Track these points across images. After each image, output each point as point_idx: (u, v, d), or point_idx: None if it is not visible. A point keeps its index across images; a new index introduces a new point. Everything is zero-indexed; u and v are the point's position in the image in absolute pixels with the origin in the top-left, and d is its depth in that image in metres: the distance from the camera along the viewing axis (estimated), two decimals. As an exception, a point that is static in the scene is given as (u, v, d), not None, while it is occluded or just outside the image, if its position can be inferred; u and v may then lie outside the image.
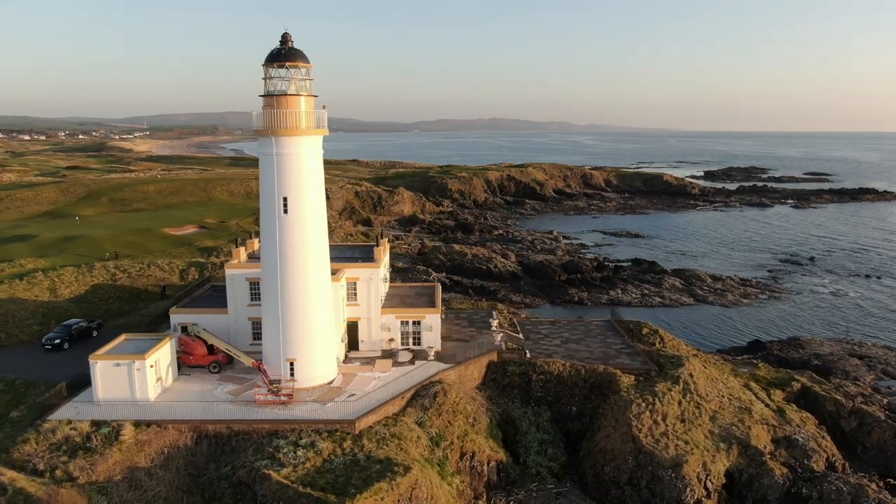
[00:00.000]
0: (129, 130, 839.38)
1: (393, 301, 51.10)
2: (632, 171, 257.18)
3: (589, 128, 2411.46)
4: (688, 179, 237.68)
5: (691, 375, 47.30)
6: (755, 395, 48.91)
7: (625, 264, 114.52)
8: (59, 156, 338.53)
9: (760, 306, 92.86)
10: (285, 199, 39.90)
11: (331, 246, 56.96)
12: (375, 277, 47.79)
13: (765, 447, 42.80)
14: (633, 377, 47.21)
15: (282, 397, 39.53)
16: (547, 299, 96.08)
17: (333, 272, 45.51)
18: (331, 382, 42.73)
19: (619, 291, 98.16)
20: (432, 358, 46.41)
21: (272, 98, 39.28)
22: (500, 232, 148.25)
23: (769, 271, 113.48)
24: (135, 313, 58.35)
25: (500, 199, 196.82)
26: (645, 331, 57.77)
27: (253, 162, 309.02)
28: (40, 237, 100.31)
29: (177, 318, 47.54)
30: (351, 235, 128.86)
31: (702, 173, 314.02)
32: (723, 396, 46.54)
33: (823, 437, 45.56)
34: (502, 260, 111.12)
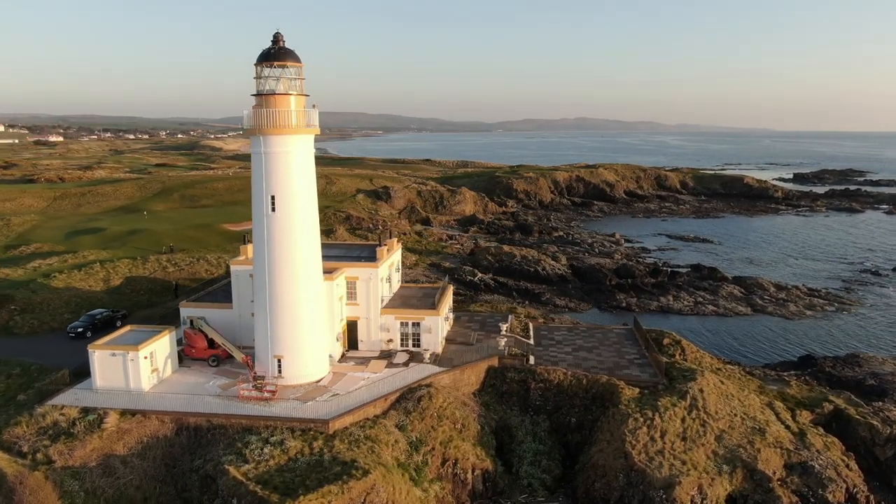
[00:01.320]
0: (225, 130, 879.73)
1: (396, 302, 50.70)
2: (711, 172, 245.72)
3: (679, 128, 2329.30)
4: (771, 182, 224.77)
5: (701, 391, 44.29)
6: (777, 415, 45.27)
7: (682, 270, 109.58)
8: (155, 154, 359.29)
9: (824, 319, 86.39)
10: (273, 198, 40.23)
11: (335, 245, 57.51)
12: (374, 277, 47.50)
13: (774, 472, 39.48)
14: (637, 390, 44.73)
15: (265, 393, 39.89)
16: (594, 304, 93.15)
17: (329, 271, 45.62)
18: (319, 381, 42.77)
19: (671, 298, 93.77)
20: (428, 361, 45.68)
21: (261, 97, 39.69)
22: (560, 234, 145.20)
23: (843, 282, 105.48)
24: (162, 305, 60.75)
25: (568, 200, 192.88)
26: (666, 341, 54.76)
27: (328, 160, 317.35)
28: (109, 230, 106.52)
29: (186, 311, 48.99)
30: (404, 234, 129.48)
31: (791, 176, 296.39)
32: (735, 415, 43.30)
33: (848, 466, 41.56)
34: (552, 262, 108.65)
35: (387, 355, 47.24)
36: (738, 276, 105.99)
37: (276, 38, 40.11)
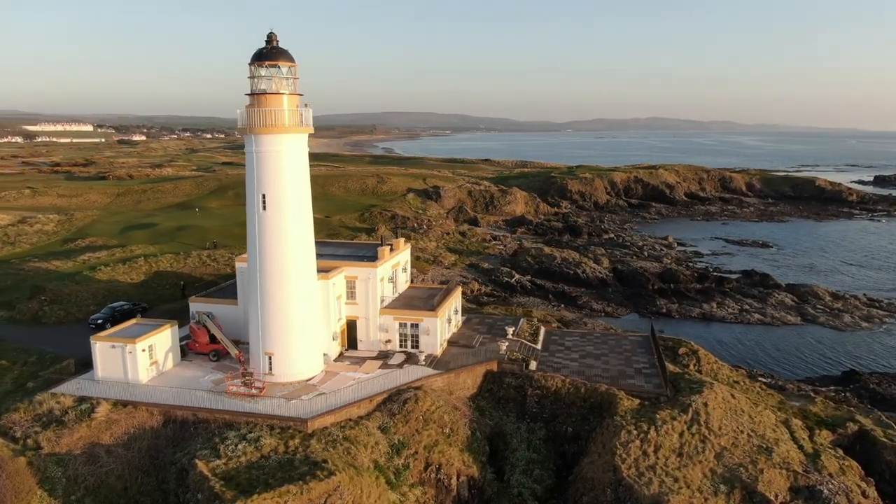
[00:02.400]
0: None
1: (398, 302, 50.33)
2: (781, 174, 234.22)
3: (757, 128, 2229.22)
4: (846, 185, 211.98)
5: (705, 404, 41.90)
6: (792, 433, 42.32)
7: (732, 276, 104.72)
8: (226, 153, 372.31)
9: (882, 332, 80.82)
10: (264, 196, 40.60)
11: (340, 244, 57.57)
12: (373, 277, 47.25)
13: (776, 496, 36.84)
14: (637, 401, 42.76)
15: (252, 389, 40.29)
16: (633, 309, 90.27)
17: (326, 270, 45.69)
18: (309, 380, 42.87)
19: (715, 305, 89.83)
20: (423, 362, 45.07)
21: (253, 97, 40.08)
22: (611, 236, 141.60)
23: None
24: (182, 300, 62.46)
25: (624, 201, 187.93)
26: (682, 350, 52.21)
27: (387, 160, 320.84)
28: (160, 226, 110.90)
29: (195, 306, 50.15)
30: (447, 234, 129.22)
31: (871, 178, 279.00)
32: (741, 432, 40.72)
33: (864, 493, 38.36)
34: (593, 265, 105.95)
35: (384, 356, 46.93)
36: (791, 283, 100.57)
37: (270, 38, 40.42)
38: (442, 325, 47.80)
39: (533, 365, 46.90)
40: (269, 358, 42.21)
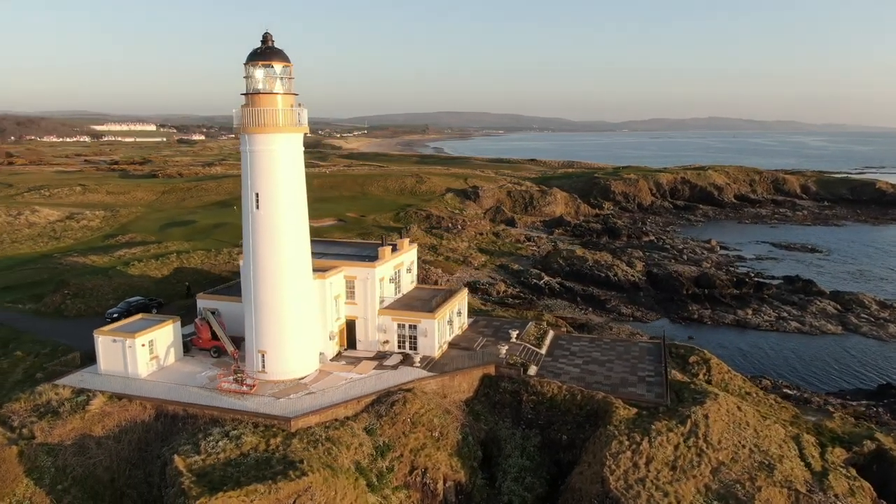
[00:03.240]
0: (350, 129, 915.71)
1: (399, 303, 49.97)
2: (840, 176, 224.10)
3: (824, 127, 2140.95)
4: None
5: (706, 416, 40.07)
6: (801, 450, 40.08)
7: (773, 282, 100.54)
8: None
9: (930, 344, 76.06)
10: (257, 195, 40.89)
11: (344, 243, 57.52)
12: (372, 277, 47.03)
13: (774, 516, 34.93)
14: (634, 410, 41.22)
15: (243, 387, 40.61)
16: (663, 314, 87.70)
17: (324, 270, 45.72)
18: (302, 378, 42.96)
19: (750, 312, 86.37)
20: (418, 364, 44.58)
21: (248, 96, 40.38)
22: (651, 238, 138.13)
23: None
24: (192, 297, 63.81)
25: (670, 203, 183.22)
26: (692, 359, 50.18)
27: (437, 159, 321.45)
28: (198, 223, 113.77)
29: (202, 303, 50.99)
30: (481, 234, 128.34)
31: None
32: (743, 446, 38.77)
33: (874, 516, 36.04)
34: (625, 268, 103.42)
35: (381, 356, 46.66)
36: (837, 290, 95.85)
37: (265, 39, 40.65)
38: (441, 327, 47.24)
39: (532, 370, 45.87)
40: (262, 356, 42.47)
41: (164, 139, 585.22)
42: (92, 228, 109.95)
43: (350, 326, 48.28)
